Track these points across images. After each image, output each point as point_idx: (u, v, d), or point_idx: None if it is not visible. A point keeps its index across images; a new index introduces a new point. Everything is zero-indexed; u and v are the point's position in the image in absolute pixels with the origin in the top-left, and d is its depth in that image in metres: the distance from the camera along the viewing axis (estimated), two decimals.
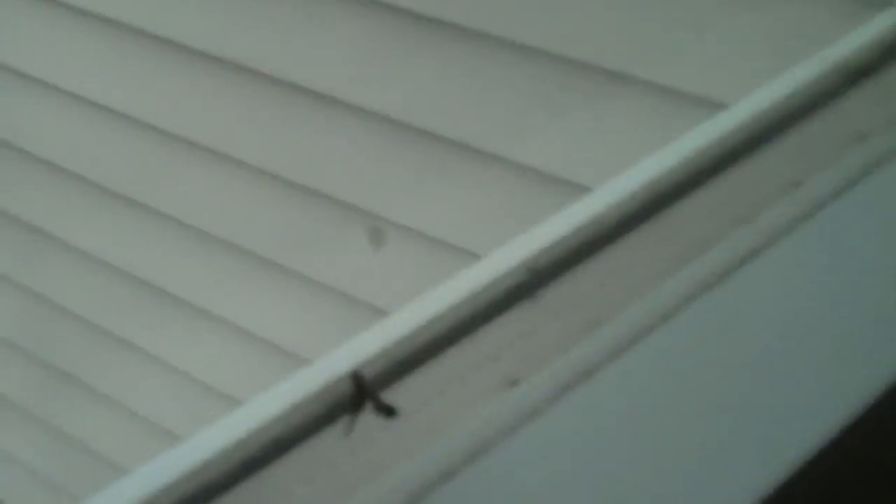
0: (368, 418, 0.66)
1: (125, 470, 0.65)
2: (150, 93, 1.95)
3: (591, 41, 1.42)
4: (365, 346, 0.67)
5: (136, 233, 2.08)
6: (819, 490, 0.75)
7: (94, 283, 2.19)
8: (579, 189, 1.41)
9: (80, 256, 2.17)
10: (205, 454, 0.62)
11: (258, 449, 0.63)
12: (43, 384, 2.39)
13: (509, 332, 0.70)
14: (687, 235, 0.76)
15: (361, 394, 0.66)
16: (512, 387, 0.67)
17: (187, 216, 1.98)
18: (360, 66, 1.65)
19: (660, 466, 0.68)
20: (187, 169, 1.91)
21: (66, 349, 2.32)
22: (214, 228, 1.95)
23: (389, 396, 0.67)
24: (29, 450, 2.48)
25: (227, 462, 0.62)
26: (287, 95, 1.73)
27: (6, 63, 2.11)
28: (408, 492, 0.63)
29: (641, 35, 1.40)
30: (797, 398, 0.73)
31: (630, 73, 1.37)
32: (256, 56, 1.76)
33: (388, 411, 0.64)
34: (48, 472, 2.46)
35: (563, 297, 0.72)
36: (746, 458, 0.70)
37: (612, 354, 0.69)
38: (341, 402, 0.67)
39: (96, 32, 1.94)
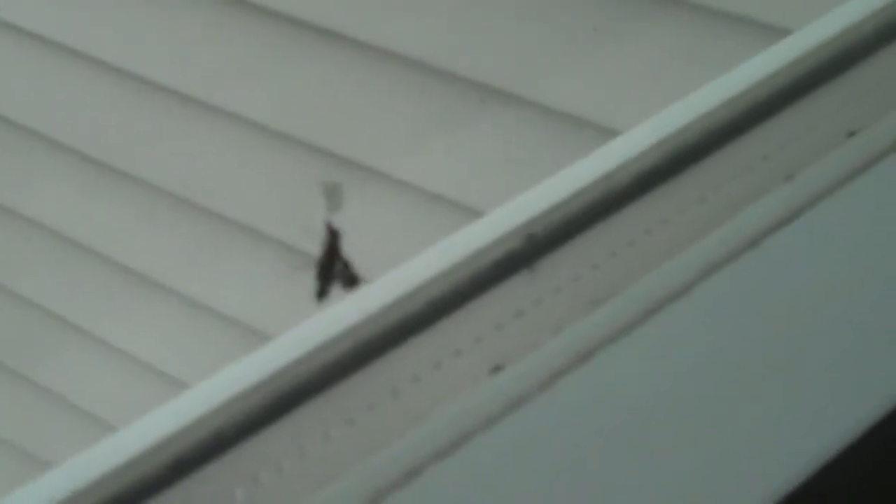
0: None
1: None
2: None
3: None
4: (324, 326, 0.62)
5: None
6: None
7: None
8: (604, 133, 1.33)
9: None
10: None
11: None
12: None
13: (499, 309, 0.64)
14: (717, 195, 0.69)
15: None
16: (495, 373, 0.61)
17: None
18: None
19: (659, 466, 0.62)
20: None
21: None
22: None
23: (356, 382, 0.62)
24: None
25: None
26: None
27: None
28: (369, 491, 0.58)
29: None
30: (827, 388, 0.66)
31: None
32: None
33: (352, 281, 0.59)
34: None
35: (567, 269, 0.66)
36: (757, 458, 0.64)
37: (614, 334, 0.62)
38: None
39: None
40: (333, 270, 0.61)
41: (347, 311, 0.63)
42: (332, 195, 0.96)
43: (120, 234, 2.01)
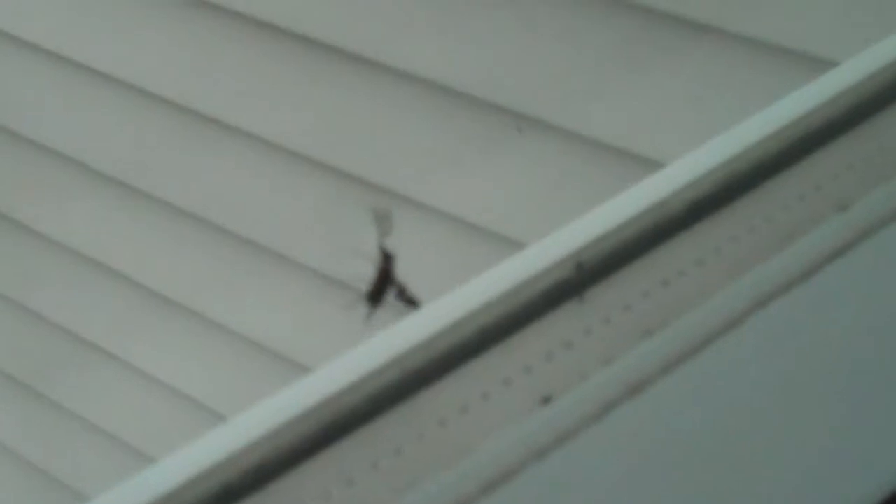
0: None
1: None
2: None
3: None
4: (372, 355, 0.61)
5: None
6: None
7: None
8: (648, 164, 1.33)
9: None
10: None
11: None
12: None
13: (548, 339, 0.64)
14: (769, 225, 0.68)
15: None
16: (544, 405, 0.60)
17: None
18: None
19: (711, 501, 0.61)
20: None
21: None
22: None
23: (404, 412, 0.61)
24: None
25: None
26: None
27: None
28: None
29: None
30: (883, 422, 0.65)
31: (716, 23, 1.28)
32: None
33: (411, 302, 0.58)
34: None
35: (617, 299, 0.65)
36: (812, 492, 0.63)
37: (667, 366, 0.62)
38: None
39: None
40: (385, 294, 0.60)
41: (395, 340, 0.62)
42: (383, 220, 0.96)
43: (146, 256, 2.01)
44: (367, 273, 0.91)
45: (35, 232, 2.12)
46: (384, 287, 0.59)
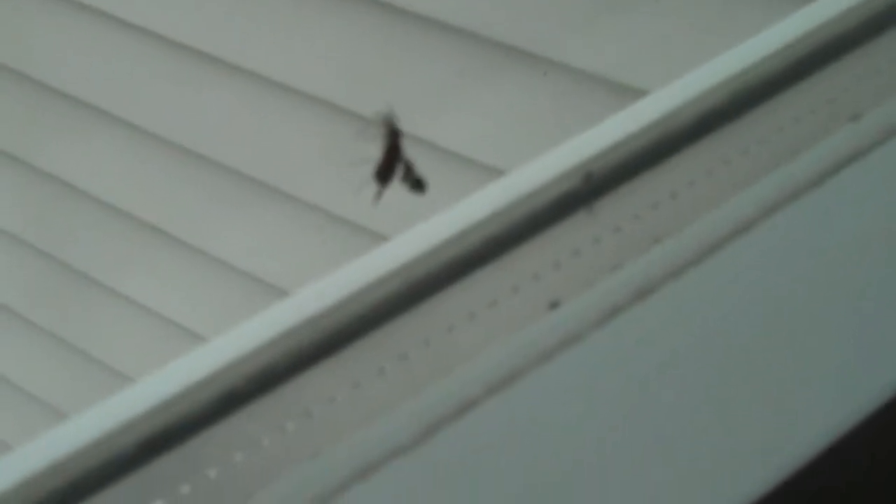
0: None
1: None
2: None
3: None
4: (381, 262, 0.62)
5: None
6: None
7: None
8: (631, 93, 1.32)
9: None
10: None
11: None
12: None
13: (557, 248, 0.64)
14: (780, 137, 0.68)
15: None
16: (552, 309, 0.61)
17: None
18: None
19: (715, 403, 0.61)
20: None
21: None
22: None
23: (410, 319, 0.62)
24: None
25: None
26: None
27: None
28: (422, 424, 0.58)
29: None
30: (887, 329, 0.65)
31: None
32: None
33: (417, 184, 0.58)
34: None
35: (626, 209, 0.66)
36: (814, 397, 0.63)
37: (674, 271, 0.62)
38: None
39: None
40: (393, 172, 0.60)
41: (402, 249, 0.63)
42: (390, 125, 0.97)
43: (146, 192, 2.02)
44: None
45: (37, 170, 2.14)
46: (392, 163, 0.59)
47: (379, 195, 0.58)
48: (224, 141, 1.87)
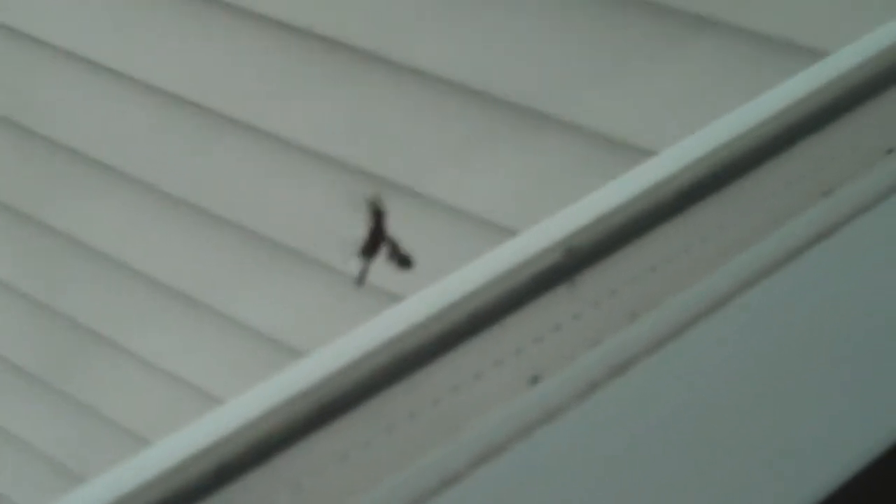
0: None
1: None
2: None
3: None
4: (368, 337, 0.64)
5: None
6: None
7: None
8: (641, 154, 1.36)
9: None
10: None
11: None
12: None
13: (539, 322, 0.67)
14: (756, 212, 0.71)
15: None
16: (533, 384, 0.64)
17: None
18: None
19: (693, 478, 0.64)
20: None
21: None
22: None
23: (397, 392, 0.64)
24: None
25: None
26: None
27: None
28: (406, 499, 0.60)
29: None
30: (859, 402, 0.68)
31: (710, 16, 1.31)
32: None
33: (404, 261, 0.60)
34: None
35: (606, 283, 0.68)
36: (793, 469, 0.66)
37: (651, 347, 0.65)
38: None
39: None
40: (377, 251, 0.62)
41: (390, 323, 0.66)
42: (374, 203, 0.99)
43: (155, 250, 2.05)
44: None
45: (49, 228, 2.16)
46: (377, 242, 0.61)
47: (363, 273, 0.61)
48: (240, 201, 1.89)
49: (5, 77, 2.14)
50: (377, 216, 0.60)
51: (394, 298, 1.46)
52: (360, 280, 0.60)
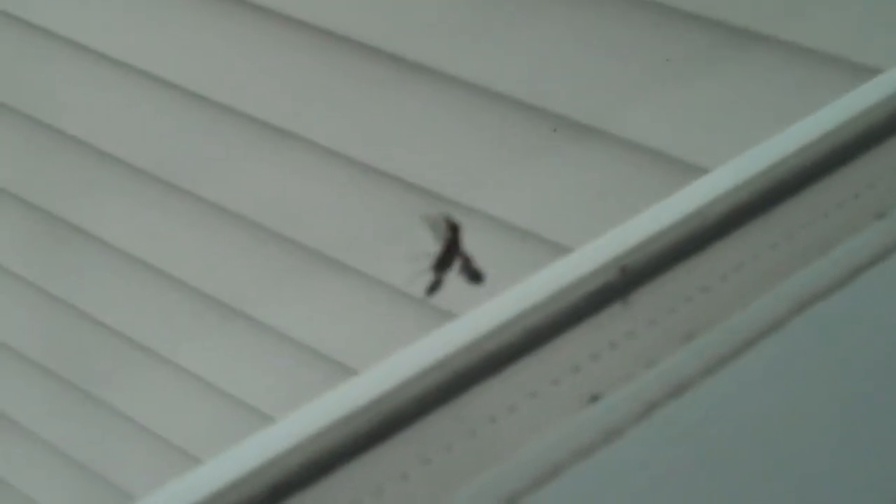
0: None
1: None
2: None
3: None
4: (423, 354, 0.64)
5: None
6: None
7: None
8: (694, 171, 1.36)
9: None
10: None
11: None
12: None
13: (594, 340, 0.66)
14: (808, 232, 0.71)
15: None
16: (592, 403, 0.63)
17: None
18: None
19: (753, 500, 0.64)
20: None
21: None
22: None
23: (454, 410, 0.64)
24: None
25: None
26: None
27: None
28: None
29: None
30: None
31: (763, 31, 1.31)
32: None
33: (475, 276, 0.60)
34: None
35: (660, 302, 0.68)
36: (851, 494, 0.66)
37: (710, 368, 0.64)
38: None
39: None
40: (451, 265, 0.63)
41: (445, 341, 0.65)
42: (436, 226, 0.99)
43: (198, 260, 2.04)
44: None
45: (87, 233, 2.15)
46: (451, 256, 0.62)
47: (435, 287, 0.61)
48: (299, 215, 1.89)
49: (16, 68, 2.13)
50: (454, 230, 0.60)
51: (446, 316, 1.46)
52: (433, 290, 0.60)
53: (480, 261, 1.03)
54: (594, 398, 0.64)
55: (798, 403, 0.66)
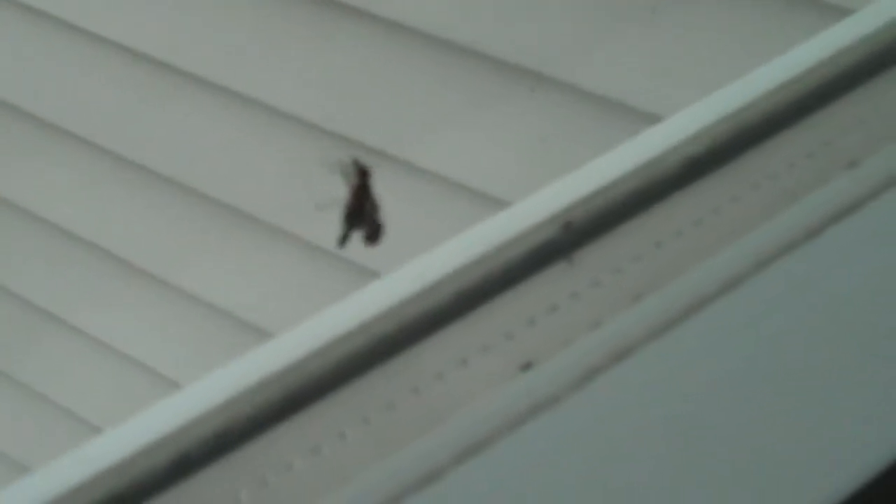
0: None
1: None
2: None
3: None
4: (342, 317, 0.60)
5: None
6: None
7: None
8: (646, 119, 1.31)
9: None
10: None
11: None
12: None
13: (532, 303, 0.62)
14: (774, 183, 0.66)
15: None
16: (524, 371, 0.59)
17: None
18: None
19: (695, 471, 0.59)
20: None
21: None
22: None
23: (374, 379, 0.60)
24: None
25: None
26: None
27: None
28: (384, 495, 0.55)
29: None
30: (883, 391, 0.63)
31: None
32: None
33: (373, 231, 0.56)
34: None
35: (607, 261, 0.64)
36: (799, 464, 0.61)
37: (657, 331, 0.60)
38: None
39: None
40: (363, 213, 0.59)
41: (365, 302, 0.61)
42: (347, 172, 0.95)
43: (115, 223, 1.99)
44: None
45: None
46: (360, 205, 0.57)
47: (345, 239, 0.57)
48: (204, 168, 1.84)
49: None
50: (362, 174, 0.56)
51: (372, 275, 1.42)
52: (342, 241, 0.56)
53: (407, 217, 0.98)
54: (527, 366, 0.59)
55: (751, 371, 0.62)
